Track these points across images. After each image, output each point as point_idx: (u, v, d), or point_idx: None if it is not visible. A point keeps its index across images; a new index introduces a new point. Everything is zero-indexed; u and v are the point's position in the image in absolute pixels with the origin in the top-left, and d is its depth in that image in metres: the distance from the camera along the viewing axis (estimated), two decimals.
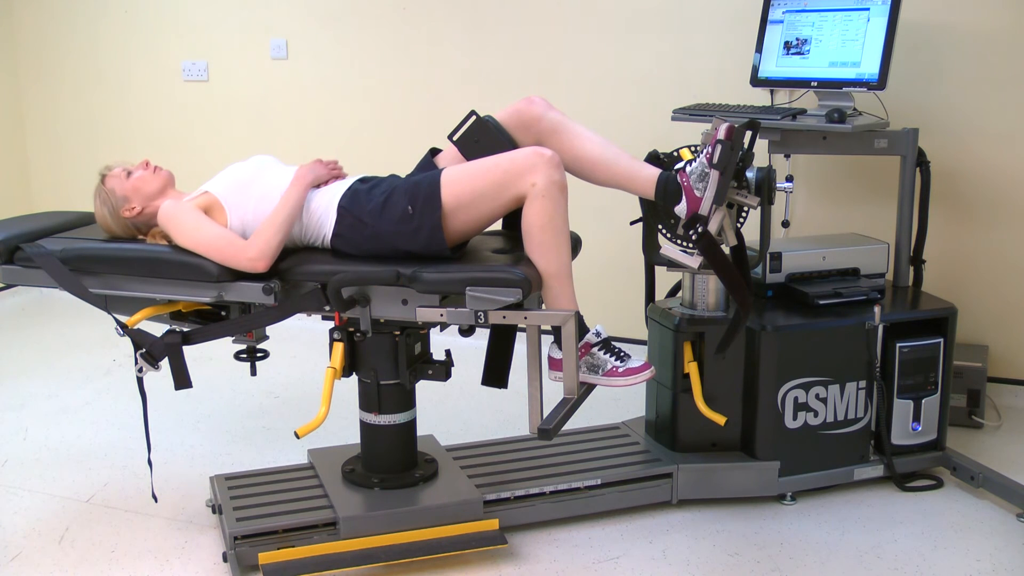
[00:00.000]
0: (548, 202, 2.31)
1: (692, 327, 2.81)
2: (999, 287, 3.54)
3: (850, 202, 3.67)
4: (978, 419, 3.36)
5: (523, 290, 2.26)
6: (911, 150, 3.11)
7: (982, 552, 2.59)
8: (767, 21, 3.32)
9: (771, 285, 3.01)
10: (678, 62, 3.83)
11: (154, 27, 4.76)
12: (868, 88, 3.07)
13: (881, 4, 3.06)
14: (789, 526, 2.73)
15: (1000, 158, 3.45)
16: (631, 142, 2.81)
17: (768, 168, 2.64)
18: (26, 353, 4.29)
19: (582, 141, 2.51)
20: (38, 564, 2.55)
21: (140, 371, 2.42)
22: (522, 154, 2.35)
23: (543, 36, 4.03)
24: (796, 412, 2.80)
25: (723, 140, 2.35)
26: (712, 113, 3.03)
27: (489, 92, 4.09)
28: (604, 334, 2.44)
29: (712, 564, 2.54)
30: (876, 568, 2.51)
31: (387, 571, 2.49)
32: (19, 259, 2.51)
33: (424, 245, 2.34)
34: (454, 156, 2.52)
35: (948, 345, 2.92)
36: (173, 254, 2.40)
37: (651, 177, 2.47)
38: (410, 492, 2.62)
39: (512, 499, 2.66)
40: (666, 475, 2.79)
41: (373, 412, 2.63)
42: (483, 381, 2.65)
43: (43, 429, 3.40)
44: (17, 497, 2.91)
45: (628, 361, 2.42)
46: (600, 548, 2.62)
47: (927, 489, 2.92)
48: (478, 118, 2.50)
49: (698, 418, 2.79)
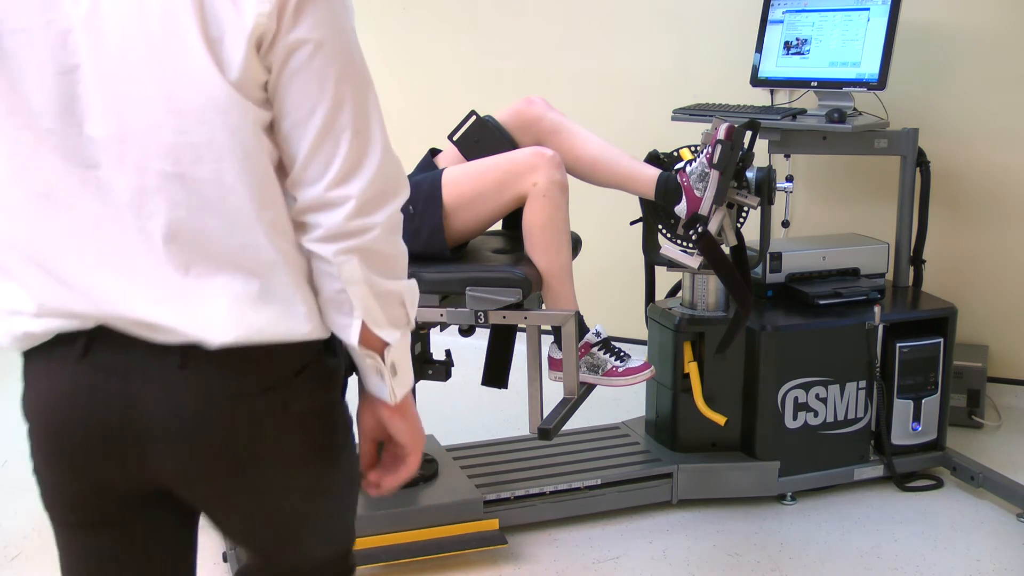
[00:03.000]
0: (549, 202, 2.31)
1: (692, 327, 2.81)
2: (999, 287, 3.54)
3: (850, 202, 3.67)
4: (978, 419, 3.36)
5: (523, 290, 2.26)
6: (911, 150, 3.10)
7: (982, 552, 2.59)
8: (767, 21, 3.32)
9: (771, 285, 3.01)
10: (678, 62, 3.82)
11: None
12: (868, 88, 3.07)
13: (881, 4, 3.06)
14: (789, 526, 2.73)
15: (1000, 158, 3.45)
16: (631, 142, 2.81)
17: (768, 168, 2.64)
18: None
19: (582, 141, 2.51)
20: (38, 564, 2.55)
21: None
22: (523, 154, 2.35)
23: (543, 36, 4.03)
24: (796, 412, 2.80)
25: (723, 140, 2.35)
26: (712, 113, 3.03)
27: (489, 92, 4.09)
28: (604, 334, 2.44)
29: (712, 564, 2.54)
30: (876, 568, 2.51)
31: (387, 571, 2.49)
32: None
33: (424, 245, 2.34)
34: (454, 156, 2.52)
35: (948, 345, 2.92)
36: None
37: (651, 177, 2.47)
38: (410, 492, 2.62)
39: (512, 499, 2.66)
40: (666, 475, 2.79)
41: None
42: (483, 381, 2.65)
43: None
44: (17, 497, 2.91)
45: (628, 361, 2.42)
46: (600, 548, 2.62)
47: (927, 489, 2.92)
48: (478, 118, 2.50)
49: (698, 418, 2.79)
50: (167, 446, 1.08)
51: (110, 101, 1.03)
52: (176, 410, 1.06)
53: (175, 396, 1.06)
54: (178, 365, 1.06)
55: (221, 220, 1.05)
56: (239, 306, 1.06)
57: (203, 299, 1.06)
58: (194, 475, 1.11)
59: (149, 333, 1.06)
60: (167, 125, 1.02)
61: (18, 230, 1.07)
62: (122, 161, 1.04)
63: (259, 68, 1.02)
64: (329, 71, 1.04)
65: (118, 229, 1.06)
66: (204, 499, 1.15)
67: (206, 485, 1.12)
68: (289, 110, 1.05)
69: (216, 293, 1.06)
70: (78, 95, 1.03)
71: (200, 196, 1.04)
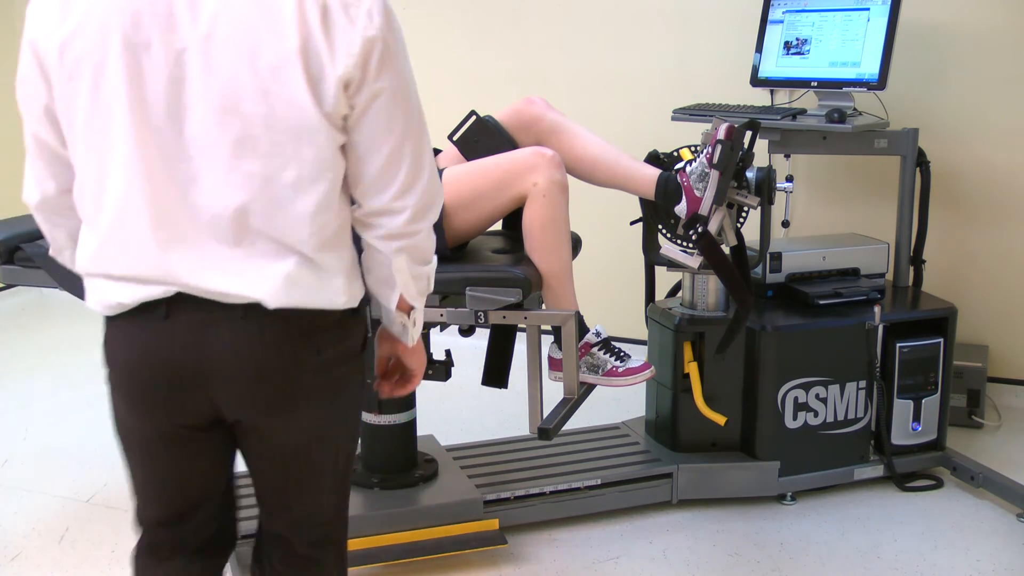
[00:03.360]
0: (549, 202, 2.31)
1: (692, 327, 2.81)
2: (999, 287, 3.54)
3: (850, 202, 3.67)
4: (978, 419, 3.36)
5: (523, 290, 2.26)
6: (911, 150, 3.11)
7: (982, 552, 2.59)
8: (767, 21, 3.32)
9: (771, 285, 3.01)
10: (678, 62, 3.82)
11: None
12: (868, 88, 3.07)
13: (881, 4, 3.06)
14: (789, 526, 2.73)
15: (1000, 158, 3.45)
16: (631, 142, 2.81)
17: (768, 168, 2.64)
18: (26, 353, 4.30)
19: (582, 141, 2.51)
20: (38, 564, 2.55)
21: None
22: (523, 154, 2.35)
23: (543, 36, 4.03)
24: (796, 412, 2.80)
25: (723, 140, 2.35)
26: (712, 113, 3.03)
27: (489, 92, 4.09)
28: (604, 334, 2.44)
29: (712, 564, 2.54)
30: (876, 568, 2.51)
31: (387, 571, 2.49)
32: (19, 259, 2.50)
33: None
34: (454, 156, 2.52)
35: (948, 345, 2.93)
36: None
37: (651, 177, 2.47)
38: (410, 492, 2.62)
39: (512, 499, 2.66)
40: (666, 475, 2.79)
41: (373, 412, 2.63)
42: (483, 381, 2.64)
43: (43, 429, 3.41)
44: (17, 497, 2.91)
45: (628, 361, 2.42)
46: (600, 548, 2.62)
47: (927, 489, 2.92)
48: (478, 118, 2.50)
49: (698, 418, 2.79)
50: (227, 377, 1.40)
51: (211, 111, 1.31)
52: (236, 349, 1.39)
53: (237, 338, 1.39)
54: (240, 317, 1.38)
55: (286, 216, 1.36)
56: (291, 281, 1.38)
57: (266, 275, 1.37)
58: (246, 400, 1.43)
59: (220, 298, 1.37)
60: (263, 138, 1.32)
61: (124, 207, 1.35)
62: (213, 161, 1.32)
63: (345, 104, 1.34)
64: (398, 112, 1.40)
65: (200, 215, 1.34)
66: (249, 419, 1.47)
67: (253, 407, 1.45)
68: (365, 139, 1.39)
69: (275, 271, 1.37)
70: (183, 103, 1.31)
71: (277, 195, 1.34)
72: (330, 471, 1.60)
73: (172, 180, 1.33)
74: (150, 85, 1.31)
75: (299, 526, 1.63)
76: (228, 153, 1.32)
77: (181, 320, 1.39)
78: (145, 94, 1.31)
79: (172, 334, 1.39)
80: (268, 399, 1.44)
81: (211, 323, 1.38)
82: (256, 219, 1.35)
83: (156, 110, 1.31)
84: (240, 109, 1.31)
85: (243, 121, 1.31)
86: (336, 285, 1.43)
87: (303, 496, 1.60)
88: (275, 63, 1.30)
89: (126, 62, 1.30)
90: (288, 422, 1.48)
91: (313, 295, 1.40)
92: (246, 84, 1.30)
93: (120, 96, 1.31)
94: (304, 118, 1.32)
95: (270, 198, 1.34)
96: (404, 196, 1.43)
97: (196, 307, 1.38)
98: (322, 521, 1.65)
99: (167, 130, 1.32)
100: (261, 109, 1.31)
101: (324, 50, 1.31)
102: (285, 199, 1.35)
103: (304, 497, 1.60)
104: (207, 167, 1.33)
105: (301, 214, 1.36)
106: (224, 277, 1.36)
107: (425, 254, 1.52)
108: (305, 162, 1.34)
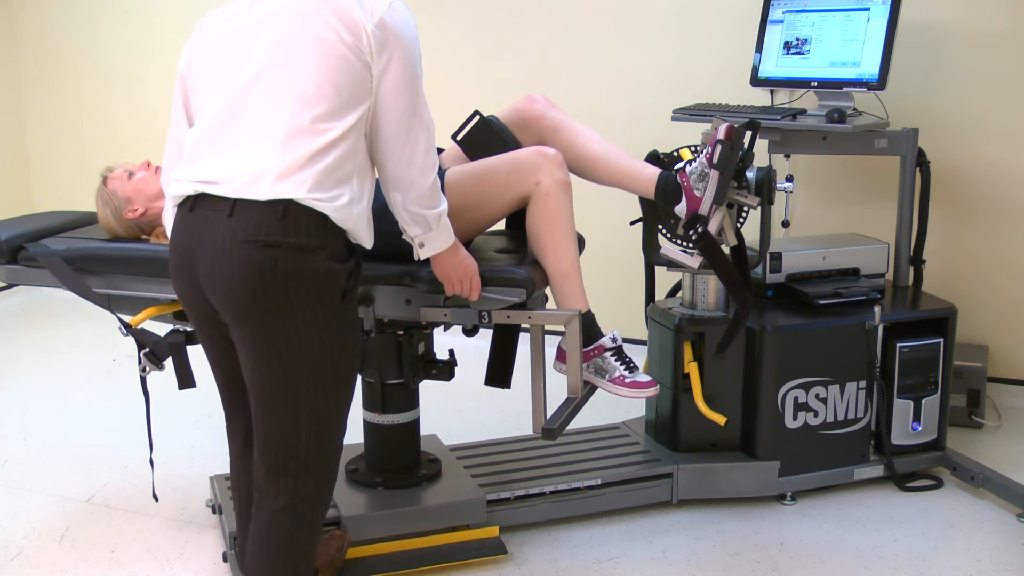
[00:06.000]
0: (552, 201, 2.31)
1: (692, 327, 2.81)
2: (999, 287, 3.55)
3: (850, 202, 3.67)
4: (978, 419, 3.36)
5: (527, 290, 2.27)
6: (911, 150, 3.11)
7: (982, 552, 2.59)
8: (767, 21, 3.33)
9: (771, 285, 3.01)
10: (678, 62, 3.83)
11: (154, 27, 4.76)
12: (868, 88, 3.07)
13: (881, 4, 3.07)
14: (789, 526, 2.73)
15: (1000, 158, 3.46)
16: (631, 142, 2.81)
17: (768, 168, 2.64)
18: (27, 353, 4.30)
19: (583, 139, 2.51)
20: (38, 564, 2.55)
21: (144, 371, 2.41)
22: (526, 154, 2.35)
23: (543, 36, 4.04)
24: (796, 412, 2.81)
25: (723, 140, 2.35)
26: (712, 113, 3.04)
27: (489, 92, 4.09)
28: (619, 341, 2.41)
29: (712, 564, 2.55)
30: (876, 568, 2.52)
31: None
32: (22, 259, 2.50)
33: None
34: (457, 156, 2.52)
35: (948, 345, 2.93)
36: None
37: (651, 177, 2.47)
38: (413, 492, 2.62)
39: (513, 499, 2.66)
40: (666, 475, 2.79)
41: (377, 412, 2.63)
42: (486, 381, 2.64)
43: (43, 429, 3.41)
44: (17, 497, 2.91)
45: (636, 373, 2.39)
46: (600, 548, 2.62)
47: (927, 489, 2.93)
48: (482, 118, 2.50)
49: (698, 418, 2.80)
50: (207, 274, 1.79)
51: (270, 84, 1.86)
52: (212, 244, 1.78)
53: (215, 233, 1.79)
54: (227, 215, 1.78)
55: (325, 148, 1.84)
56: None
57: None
58: (221, 302, 1.80)
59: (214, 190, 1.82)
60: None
61: (194, 136, 1.90)
62: (264, 109, 1.84)
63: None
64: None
65: (235, 142, 1.84)
66: (231, 323, 1.82)
67: (227, 311, 1.80)
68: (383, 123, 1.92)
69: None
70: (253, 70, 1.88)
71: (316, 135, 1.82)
72: (290, 401, 1.85)
73: (225, 118, 1.92)
74: (225, 71, 1.96)
75: (258, 444, 1.90)
76: (281, 107, 1.87)
77: (197, 212, 1.86)
78: (223, 73, 1.98)
79: (190, 224, 1.88)
80: (237, 305, 1.77)
81: (211, 217, 1.83)
82: (285, 138, 1.85)
83: (230, 80, 1.93)
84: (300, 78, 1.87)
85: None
86: (343, 199, 1.88)
87: (263, 418, 1.88)
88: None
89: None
90: (254, 335, 1.78)
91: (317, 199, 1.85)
92: (306, 57, 1.88)
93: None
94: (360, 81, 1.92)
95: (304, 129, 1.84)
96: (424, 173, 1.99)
97: (207, 205, 1.84)
98: (276, 446, 1.88)
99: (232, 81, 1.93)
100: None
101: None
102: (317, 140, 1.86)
103: (262, 419, 1.88)
104: (256, 111, 1.88)
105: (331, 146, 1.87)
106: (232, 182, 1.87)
107: (431, 204, 2.00)
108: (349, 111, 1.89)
